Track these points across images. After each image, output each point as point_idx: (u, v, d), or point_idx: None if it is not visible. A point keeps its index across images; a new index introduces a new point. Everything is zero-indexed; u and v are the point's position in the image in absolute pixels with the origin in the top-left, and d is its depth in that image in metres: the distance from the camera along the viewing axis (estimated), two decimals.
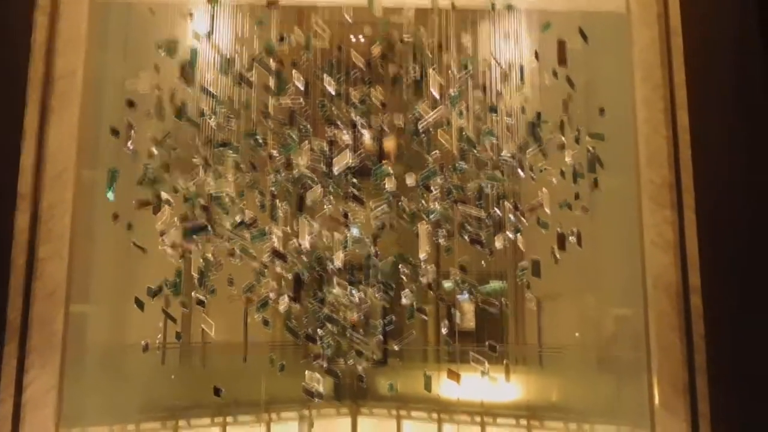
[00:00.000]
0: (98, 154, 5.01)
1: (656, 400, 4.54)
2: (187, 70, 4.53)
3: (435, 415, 12.07)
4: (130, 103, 4.85)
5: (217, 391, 5.01)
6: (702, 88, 4.57)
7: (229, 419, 11.12)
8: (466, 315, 12.57)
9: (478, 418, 11.63)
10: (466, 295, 5.83)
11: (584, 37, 5.28)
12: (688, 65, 4.66)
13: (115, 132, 4.87)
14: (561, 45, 5.14)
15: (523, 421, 11.24)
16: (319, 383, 4.68)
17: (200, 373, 10.83)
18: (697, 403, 4.32)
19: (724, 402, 4.26)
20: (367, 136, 5.78)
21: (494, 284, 7.58)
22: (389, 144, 6.38)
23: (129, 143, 4.81)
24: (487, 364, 5.04)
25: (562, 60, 5.16)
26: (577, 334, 9.39)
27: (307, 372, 4.71)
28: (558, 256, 5.44)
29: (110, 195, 4.65)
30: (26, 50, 4.21)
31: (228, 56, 5.13)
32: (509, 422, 11.45)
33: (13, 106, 4.18)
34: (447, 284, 5.63)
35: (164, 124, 5.07)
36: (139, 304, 5.14)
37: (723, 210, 4.41)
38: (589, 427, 9.87)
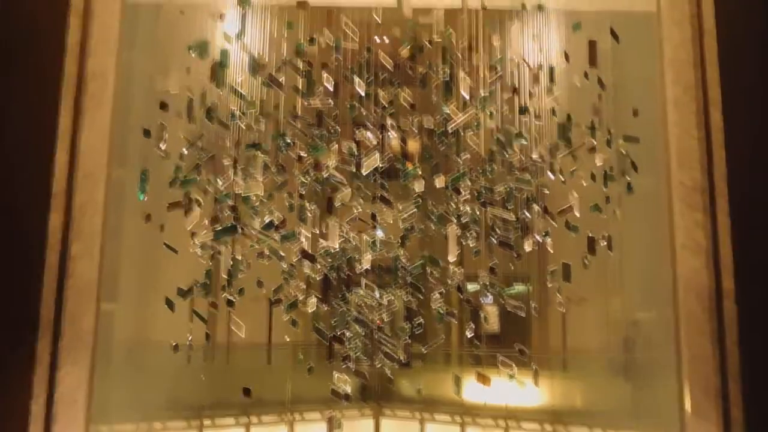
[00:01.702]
0: (129, 154, 5.06)
1: (687, 406, 4.45)
2: (217, 71, 4.54)
3: (458, 418, 12.01)
4: (163, 105, 4.89)
5: (247, 392, 5.02)
6: (736, 87, 4.47)
7: (253, 419, 11.17)
8: (491, 318, 12.51)
9: (502, 422, 11.55)
10: (491, 299, 5.79)
11: (615, 37, 5.21)
12: (722, 65, 4.57)
13: (146, 133, 4.91)
14: (592, 45, 5.08)
15: (548, 426, 11.14)
16: (347, 384, 4.66)
17: (225, 373, 10.89)
18: (729, 409, 4.23)
19: (758, 408, 4.16)
20: (393, 137, 5.77)
21: (517, 287, 7.54)
22: (413, 145, 6.35)
23: (161, 144, 4.85)
24: (515, 367, 4.99)
25: (593, 60, 5.09)
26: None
27: (335, 373, 4.69)
28: (588, 260, 5.37)
29: (141, 196, 4.68)
30: (60, 51, 4.26)
31: (257, 57, 5.14)
32: (533, 427, 11.36)
33: (48, 107, 4.23)
34: (471, 287, 5.58)
35: (195, 125, 5.10)
36: (170, 304, 5.17)
37: (757, 213, 4.32)
38: None
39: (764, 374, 4.17)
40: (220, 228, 4.72)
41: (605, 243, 5.37)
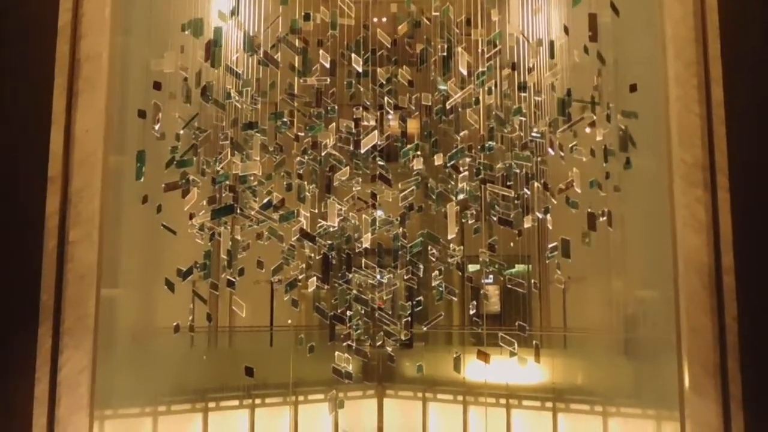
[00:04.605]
0: (125, 136, 5.00)
1: (686, 383, 4.47)
2: (212, 50, 4.46)
3: (460, 398, 12.09)
4: (157, 86, 4.83)
5: (249, 371, 5.02)
6: (738, 63, 4.43)
7: (257, 401, 11.24)
8: (491, 298, 12.58)
9: (503, 401, 11.63)
10: (491, 278, 5.79)
11: (615, 10, 5.15)
12: (724, 40, 4.52)
13: (142, 114, 4.86)
14: (592, 18, 5.01)
15: (549, 404, 11.21)
16: (348, 363, 4.67)
17: (228, 356, 10.95)
18: (728, 384, 4.24)
19: (756, 383, 4.16)
20: (392, 117, 5.72)
21: (518, 267, 7.55)
22: (412, 125, 6.30)
23: (156, 125, 4.80)
24: (516, 344, 5.00)
25: (593, 34, 5.03)
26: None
27: (336, 353, 4.69)
28: (589, 237, 5.36)
29: (138, 177, 4.65)
30: (52, 33, 4.18)
31: (252, 35, 5.05)
32: (534, 404, 11.44)
33: (41, 90, 4.17)
34: (473, 267, 5.58)
35: (190, 105, 5.04)
36: (170, 285, 5.16)
37: (757, 189, 4.30)
38: (615, 409, 9.84)
39: (763, 351, 4.19)
40: (218, 208, 4.69)
41: (605, 219, 5.34)
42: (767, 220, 4.26)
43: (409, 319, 6.25)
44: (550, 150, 5.37)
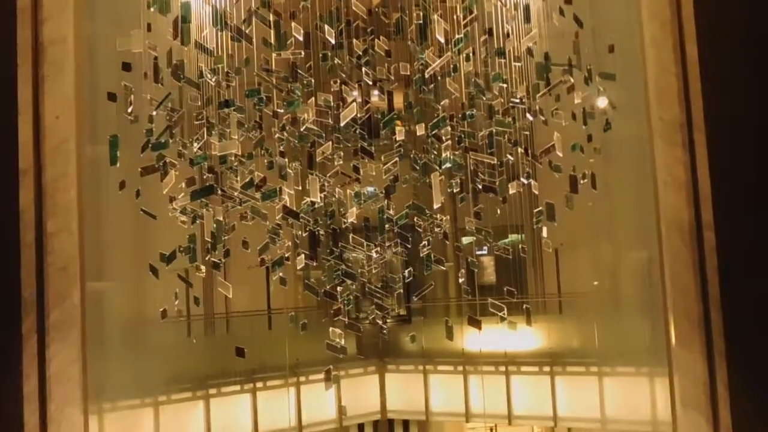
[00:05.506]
0: (98, 122, 4.92)
1: (672, 338, 4.54)
2: (180, 27, 4.34)
3: (460, 368, 12.24)
4: (126, 67, 4.72)
5: (240, 352, 5.01)
6: (711, 20, 4.42)
7: (258, 385, 11.30)
8: (486, 269, 12.68)
9: (502, 368, 11.80)
10: (485, 250, 5.81)
11: None
12: None
13: (112, 96, 4.75)
14: None
15: (546, 368, 11.41)
16: (341, 338, 4.66)
17: (227, 342, 10.96)
18: (712, 336, 4.30)
19: (740, 334, 4.23)
20: (375, 94, 5.65)
21: (512, 237, 7.58)
22: (396, 99, 6.23)
23: (129, 108, 4.71)
24: (506, 309, 5.02)
25: None
26: (596, 283, 9.47)
27: (330, 329, 4.69)
28: (572, 200, 5.37)
29: (113, 163, 4.56)
30: (11, 17, 4.03)
31: (223, 9, 4.91)
32: (533, 369, 11.64)
33: (3, 78, 4.04)
34: (466, 240, 5.58)
35: (163, 86, 4.93)
36: (154, 271, 5.11)
37: (734, 145, 4.31)
38: (609, 369, 10.01)
39: (744, 301, 4.24)
40: (197, 189, 4.62)
41: (586, 181, 5.35)
42: (745, 175, 4.29)
43: (402, 292, 6.26)
44: (528, 115, 5.35)
